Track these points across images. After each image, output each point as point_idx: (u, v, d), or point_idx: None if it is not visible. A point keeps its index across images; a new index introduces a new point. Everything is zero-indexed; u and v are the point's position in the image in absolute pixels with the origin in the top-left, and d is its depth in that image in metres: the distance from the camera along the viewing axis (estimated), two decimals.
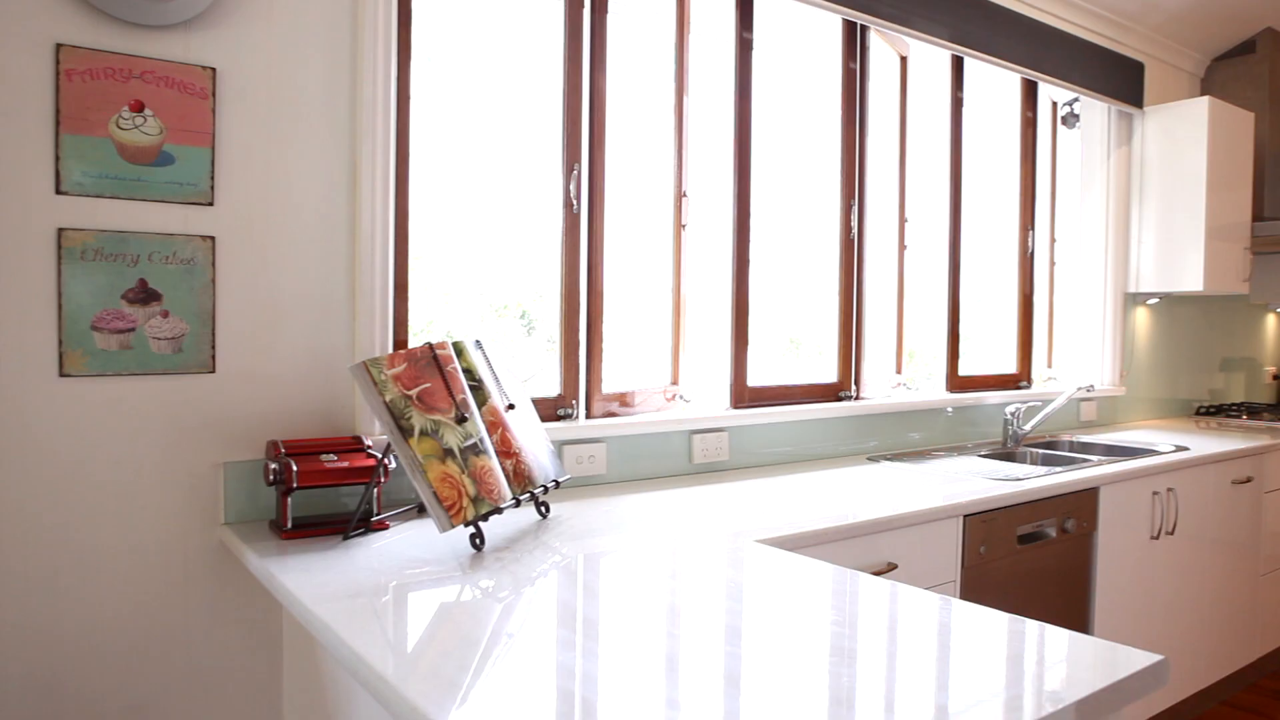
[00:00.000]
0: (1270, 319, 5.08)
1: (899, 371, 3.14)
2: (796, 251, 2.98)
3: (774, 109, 2.83)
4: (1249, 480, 3.33)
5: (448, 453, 1.56)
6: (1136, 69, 3.86)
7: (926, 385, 3.34)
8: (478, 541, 1.59)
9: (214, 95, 1.71)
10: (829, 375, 2.95)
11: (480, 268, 2.39)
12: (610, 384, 2.40)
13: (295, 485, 1.64)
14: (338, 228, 1.88)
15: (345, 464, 1.71)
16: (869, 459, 2.78)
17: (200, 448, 1.74)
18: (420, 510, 1.89)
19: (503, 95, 2.35)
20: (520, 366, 2.39)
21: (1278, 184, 4.32)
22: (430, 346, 1.68)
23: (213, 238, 1.72)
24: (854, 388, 2.96)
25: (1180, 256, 3.79)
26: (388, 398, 1.53)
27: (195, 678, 1.75)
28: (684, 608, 1.32)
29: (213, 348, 1.73)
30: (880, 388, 3.06)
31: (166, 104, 1.66)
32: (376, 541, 1.67)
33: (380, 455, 1.73)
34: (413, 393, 1.57)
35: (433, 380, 1.63)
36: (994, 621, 1.26)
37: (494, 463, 1.67)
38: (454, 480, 1.54)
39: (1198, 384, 4.51)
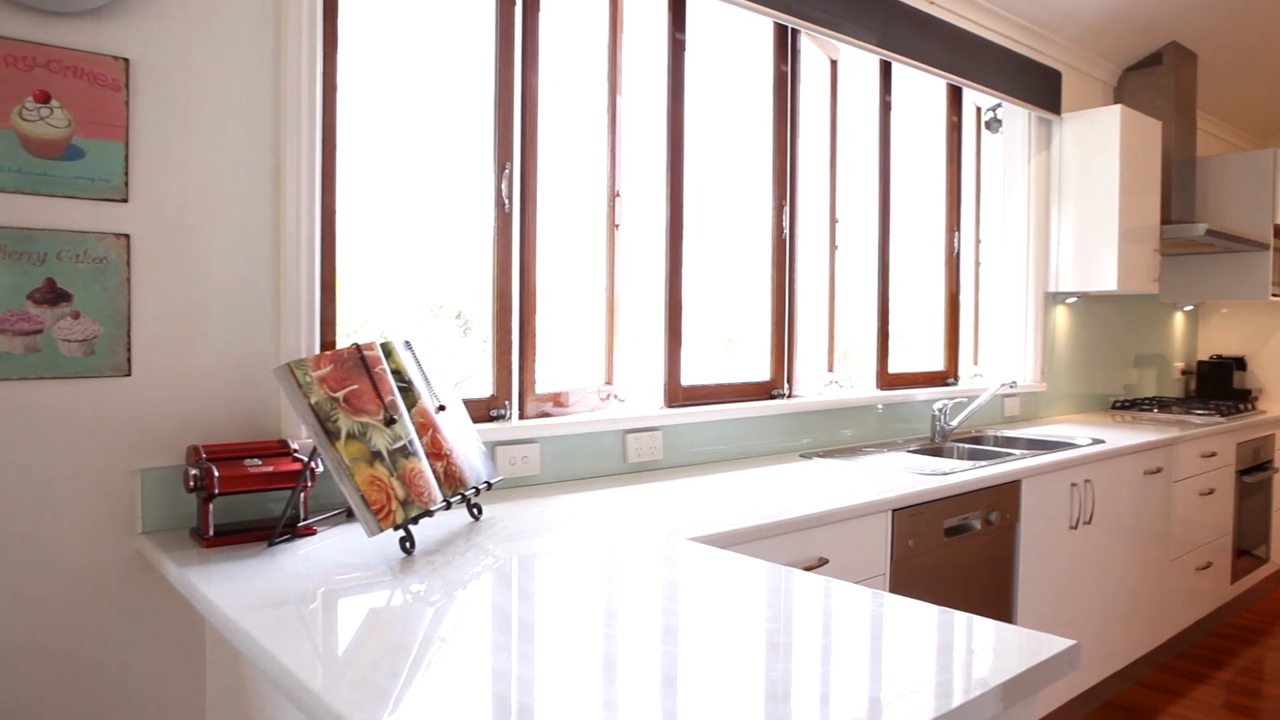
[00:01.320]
0: (1178, 317, 5.30)
1: (831, 369, 3.19)
2: (732, 251, 3.00)
3: (707, 110, 2.84)
4: (1159, 471, 3.46)
5: (376, 455, 1.53)
6: (1054, 77, 3.99)
7: (861, 382, 3.40)
8: (408, 545, 1.57)
9: (127, 87, 1.65)
10: (762, 374, 2.98)
11: (415, 267, 2.35)
12: (544, 384, 2.38)
13: (217, 491, 1.59)
14: (261, 226, 1.83)
15: (270, 468, 1.67)
16: (802, 456, 2.82)
17: (115, 454, 1.67)
18: (349, 514, 1.85)
19: (436, 92, 2.32)
20: (456, 367, 2.36)
21: (1183, 189, 4.50)
22: (358, 348, 1.65)
23: (127, 235, 1.66)
24: (786, 386, 3.00)
25: (1096, 257, 3.92)
26: (313, 400, 1.49)
27: (111, 696, 1.69)
28: (620, 608, 1.32)
29: (128, 350, 1.67)
30: (813, 386, 3.10)
31: (75, 95, 1.59)
32: (303, 547, 1.63)
33: (307, 459, 1.69)
34: (339, 395, 1.53)
35: (360, 382, 1.60)
36: (923, 613, 1.28)
37: (424, 465, 1.64)
38: (382, 483, 1.51)
39: (1113, 379, 4.68)
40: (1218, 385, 5.11)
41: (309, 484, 1.69)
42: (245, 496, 1.77)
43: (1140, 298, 4.82)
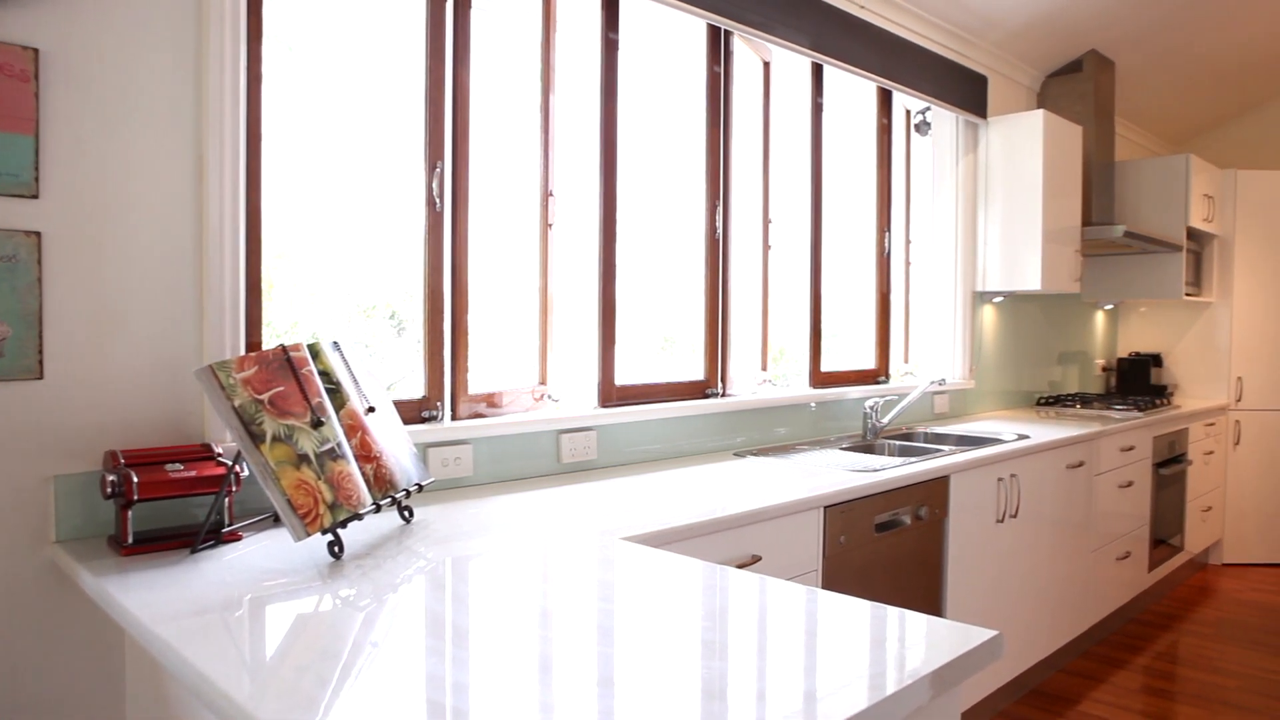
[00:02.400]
0: (1099, 316, 5.48)
1: (764, 369, 3.22)
2: (667, 251, 3.01)
3: (641, 110, 2.85)
4: (1081, 465, 3.57)
5: (303, 458, 1.50)
6: (981, 82, 4.09)
7: (796, 381, 3.44)
8: (336, 549, 1.54)
9: (37, 79, 1.59)
10: (697, 373, 2.99)
11: (347, 267, 2.31)
12: (477, 385, 2.36)
13: (136, 498, 1.54)
14: (183, 223, 1.78)
15: (193, 473, 1.62)
16: (735, 455, 2.84)
17: (26, 460, 1.61)
18: (276, 519, 1.81)
19: (366, 88, 2.28)
20: (390, 369, 2.33)
21: (1103, 192, 4.66)
22: (284, 349, 1.61)
23: (38, 233, 1.60)
24: (720, 385, 3.02)
25: (1021, 258, 4.03)
26: (236, 402, 1.45)
27: (24, 714, 1.62)
28: (555, 610, 1.31)
29: (40, 352, 1.61)
30: (747, 385, 3.12)
31: None
32: (228, 554, 1.59)
33: (231, 463, 1.65)
34: (264, 397, 1.50)
35: (286, 384, 1.56)
36: (854, 609, 1.30)
37: (353, 468, 1.62)
38: (309, 487, 1.48)
39: (1039, 376, 4.81)
40: (1136, 381, 5.29)
41: (233, 489, 1.64)
42: (167, 503, 1.72)
43: (1063, 297, 4.97)
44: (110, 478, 1.55)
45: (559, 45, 2.56)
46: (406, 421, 2.15)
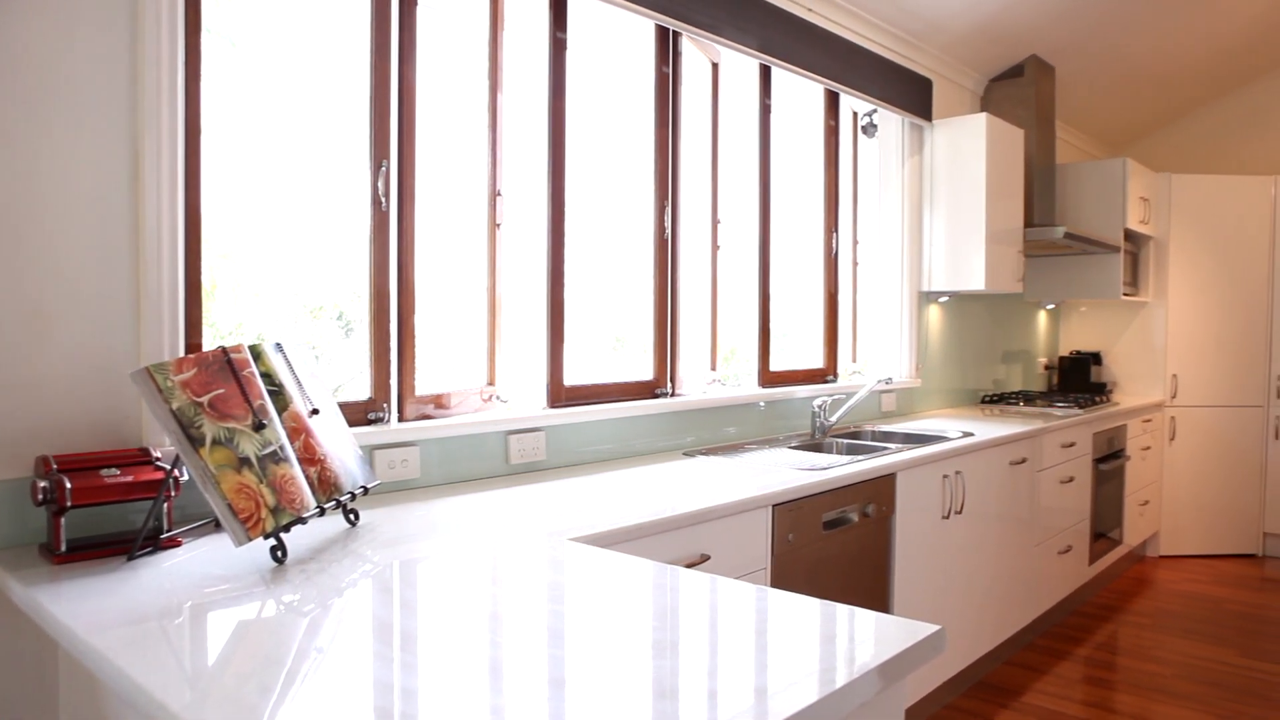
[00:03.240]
0: (1042, 315, 5.60)
1: (714, 368, 3.24)
2: (618, 251, 3.01)
3: (590, 109, 2.85)
4: (1024, 461, 3.65)
5: (244, 462, 1.47)
6: (926, 85, 4.15)
7: (747, 381, 3.46)
8: (279, 554, 1.51)
9: None
10: (646, 373, 3.00)
11: (293, 267, 2.27)
12: (425, 386, 2.34)
13: (69, 504, 1.50)
14: (117, 221, 1.73)
15: (129, 478, 1.58)
16: (685, 454, 2.85)
17: None
18: (217, 525, 1.77)
19: (312, 85, 2.25)
20: (338, 370, 2.30)
21: (1044, 195, 4.76)
22: (224, 350, 1.58)
23: None
24: (670, 385, 3.03)
25: (965, 258, 4.11)
26: (175, 405, 1.42)
27: None
28: (505, 612, 1.30)
29: None
30: (696, 384, 3.14)
31: None
32: (167, 560, 1.55)
33: (170, 467, 1.61)
34: (204, 399, 1.47)
35: (227, 386, 1.53)
36: (804, 607, 1.31)
37: (296, 471, 1.59)
38: (251, 490, 1.45)
39: (983, 375, 4.91)
40: (1077, 379, 5.42)
41: (172, 493, 1.61)
42: (103, 509, 1.67)
43: (1007, 297, 5.07)
44: (41, 484, 1.51)
45: (507, 44, 2.55)
46: (352, 423, 2.13)
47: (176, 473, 1.60)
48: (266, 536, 1.47)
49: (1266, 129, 5.79)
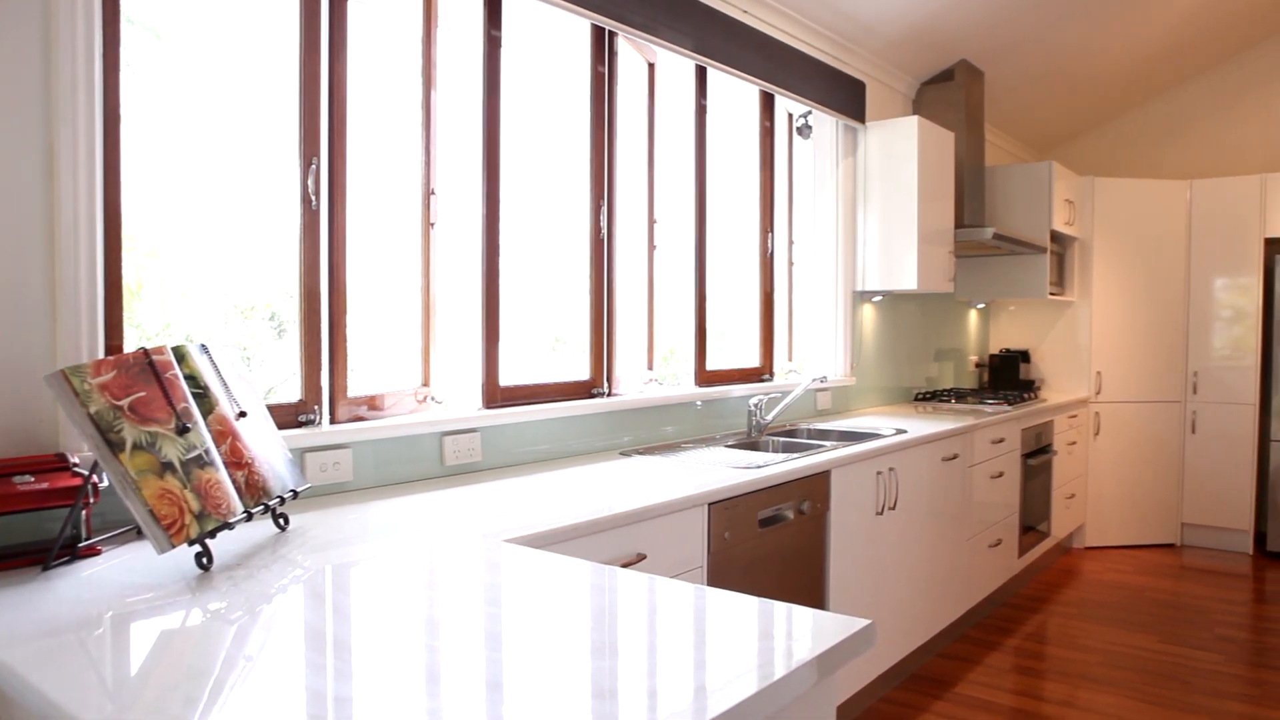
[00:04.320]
0: (972, 314, 5.73)
1: (650, 368, 3.25)
2: (556, 251, 3.00)
3: (525, 108, 2.83)
4: (955, 457, 3.73)
5: (166, 467, 1.43)
6: (859, 87, 4.22)
7: (687, 380, 3.47)
8: (204, 561, 1.47)
9: None
10: (583, 373, 2.99)
11: (224, 266, 2.21)
12: (358, 387, 2.30)
13: None
14: (30, 217, 1.67)
15: (44, 485, 1.53)
16: (622, 454, 2.85)
17: None
18: (139, 532, 1.72)
19: (241, 79, 2.19)
20: (270, 372, 2.25)
21: (974, 196, 4.87)
22: (145, 352, 1.53)
23: None
24: (606, 385, 3.02)
25: (898, 258, 4.18)
26: (92, 409, 1.38)
27: None
28: (441, 617, 1.29)
29: None
30: (633, 384, 3.14)
31: None
32: (85, 570, 1.50)
33: (88, 473, 1.56)
34: (123, 403, 1.42)
35: (148, 389, 1.49)
36: (740, 604, 1.33)
37: (222, 475, 1.55)
38: (174, 496, 1.41)
39: (917, 373, 5.00)
40: (1006, 376, 5.56)
41: (91, 500, 1.56)
42: (16, 517, 1.61)
43: (939, 296, 5.18)
44: None
45: (441, 41, 2.52)
46: (283, 426, 2.08)
47: (95, 479, 1.55)
48: (191, 543, 1.43)
49: (1182, 136, 6.01)
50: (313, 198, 2.19)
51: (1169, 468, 5.54)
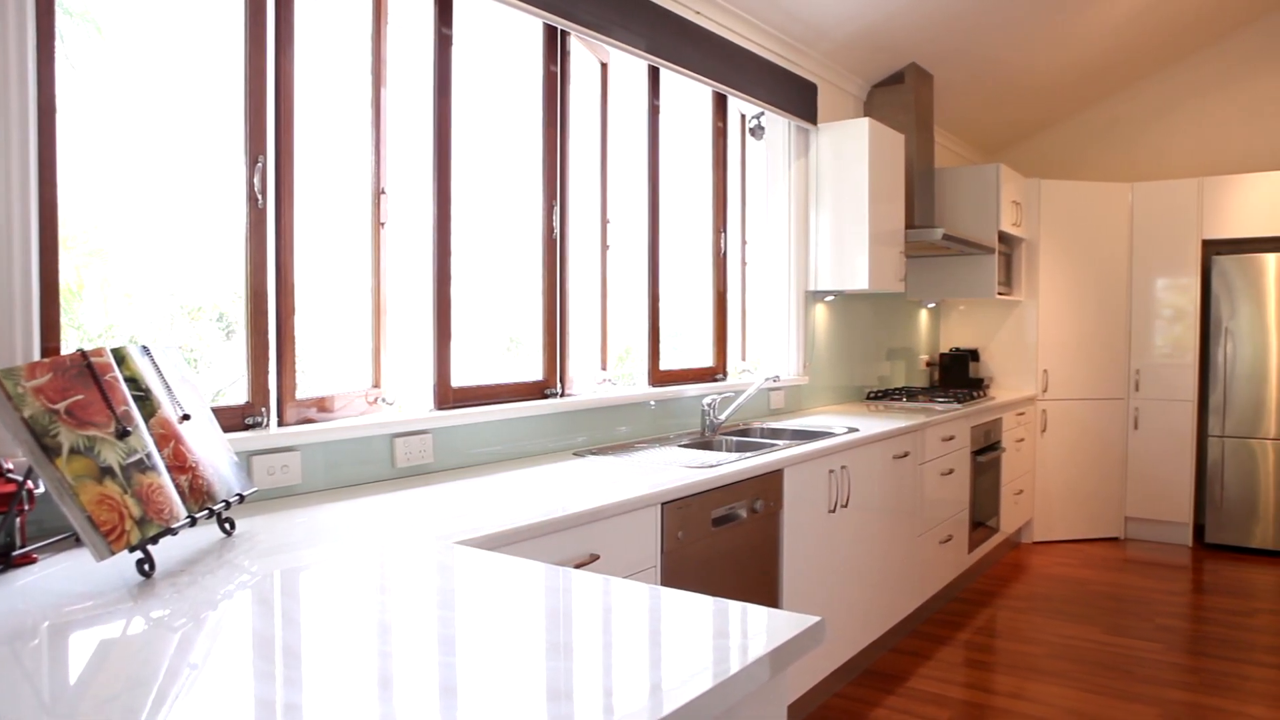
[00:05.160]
0: (923, 314, 5.81)
1: (604, 368, 3.24)
2: (510, 251, 2.98)
3: (476, 107, 2.81)
4: (906, 455, 3.78)
5: (106, 471, 1.40)
6: (811, 89, 4.26)
7: (642, 380, 3.47)
8: (146, 567, 1.44)
9: None
10: (537, 374, 2.98)
11: (169, 266, 2.17)
12: (307, 389, 2.27)
13: None
14: None
15: None
16: (575, 454, 2.84)
17: None
18: (78, 539, 1.67)
19: (187, 74, 2.15)
20: (219, 373, 2.20)
21: (924, 197, 4.95)
22: (83, 354, 1.49)
23: None
24: (559, 385, 3.01)
25: (850, 258, 4.23)
26: (26, 413, 1.34)
27: None
28: (393, 621, 1.27)
29: None
30: (587, 384, 3.13)
31: None
32: (20, 579, 1.46)
33: (22, 479, 1.51)
34: (60, 406, 1.38)
35: (86, 392, 1.45)
36: (695, 603, 1.33)
37: (164, 479, 1.52)
38: (114, 502, 1.38)
39: (868, 371, 5.06)
40: (956, 375, 5.65)
41: (25, 507, 1.51)
42: None
43: (890, 296, 5.25)
44: None
45: (390, 38, 2.50)
46: (229, 429, 2.05)
47: (30, 485, 1.51)
48: (132, 549, 1.40)
49: (1124, 139, 6.16)
50: (259, 196, 2.15)
51: (1113, 463, 5.67)
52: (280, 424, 2.19)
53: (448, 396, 2.61)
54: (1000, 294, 5.34)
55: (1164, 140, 6.03)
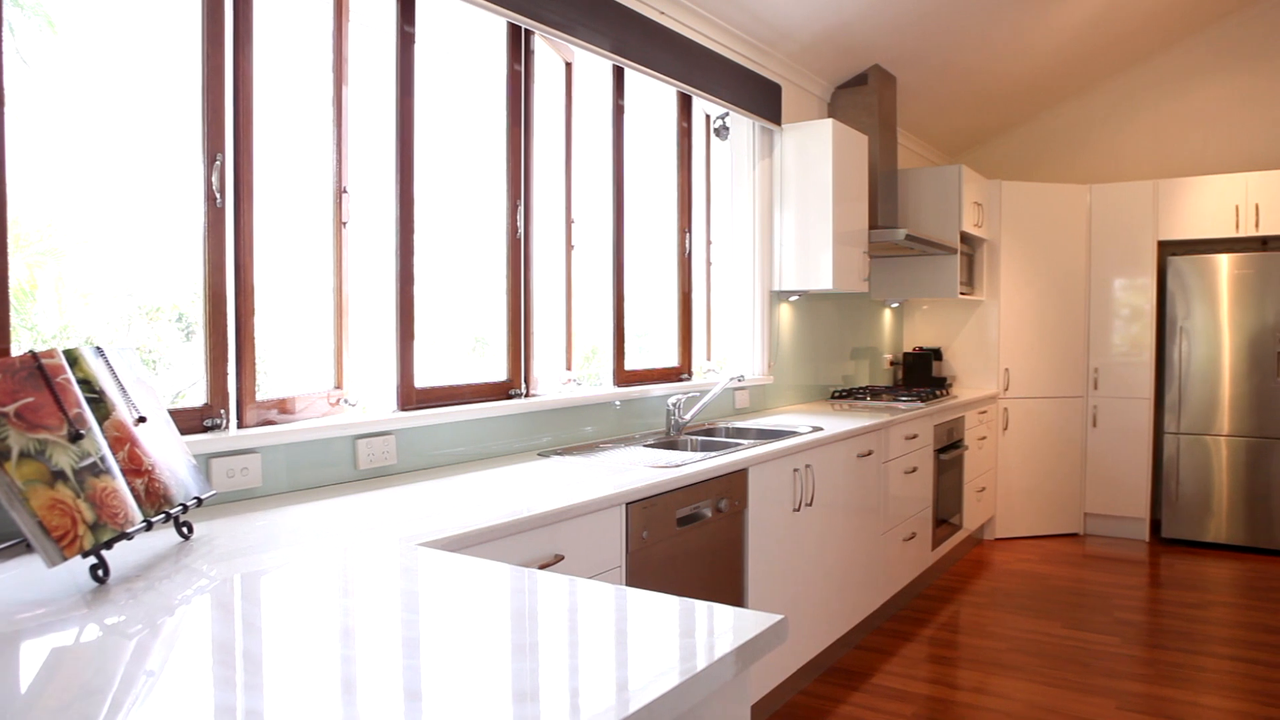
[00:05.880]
0: (887, 313, 5.87)
1: (569, 368, 3.24)
2: (475, 251, 2.97)
3: (440, 106, 2.79)
4: (870, 453, 3.81)
5: (57, 475, 1.37)
6: (775, 90, 4.28)
7: (608, 380, 3.47)
8: (100, 573, 1.42)
9: None
10: (500, 374, 2.96)
11: (127, 265, 2.13)
12: (268, 390, 2.24)
13: None
14: None
15: None
16: (540, 455, 2.83)
17: None
18: (30, 545, 1.64)
19: (144, 70, 2.11)
20: (179, 375, 2.17)
21: (887, 198, 4.99)
22: (33, 355, 1.46)
23: None
24: (524, 385, 3.00)
25: (814, 258, 4.26)
26: None
27: None
28: (356, 625, 1.26)
29: None
30: (552, 385, 3.13)
31: None
32: None
33: None
34: (9, 409, 1.35)
35: (37, 394, 1.42)
36: (658, 603, 1.33)
37: (119, 483, 1.49)
38: (66, 506, 1.35)
39: (833, 371, 5.10)
40: (920, 374, 5.71)
41: None
42: None
43: (854, 296, 5.29)
44: None
45: (352, 36, 2.47)
46: (188, 431, 2.02)
47: None
48: (85, 555, 1.37)
49: (1082, 142, 6.26)
50: (217, 195, 2.12)
51: (1072, 460, 5.77)
52: (240, 426, 2.16)
53: (411, 397, 2.59)
54: (962, 294, 5.40)
55: (1121, 143, 6.14)
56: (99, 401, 1.55)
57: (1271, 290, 5.21)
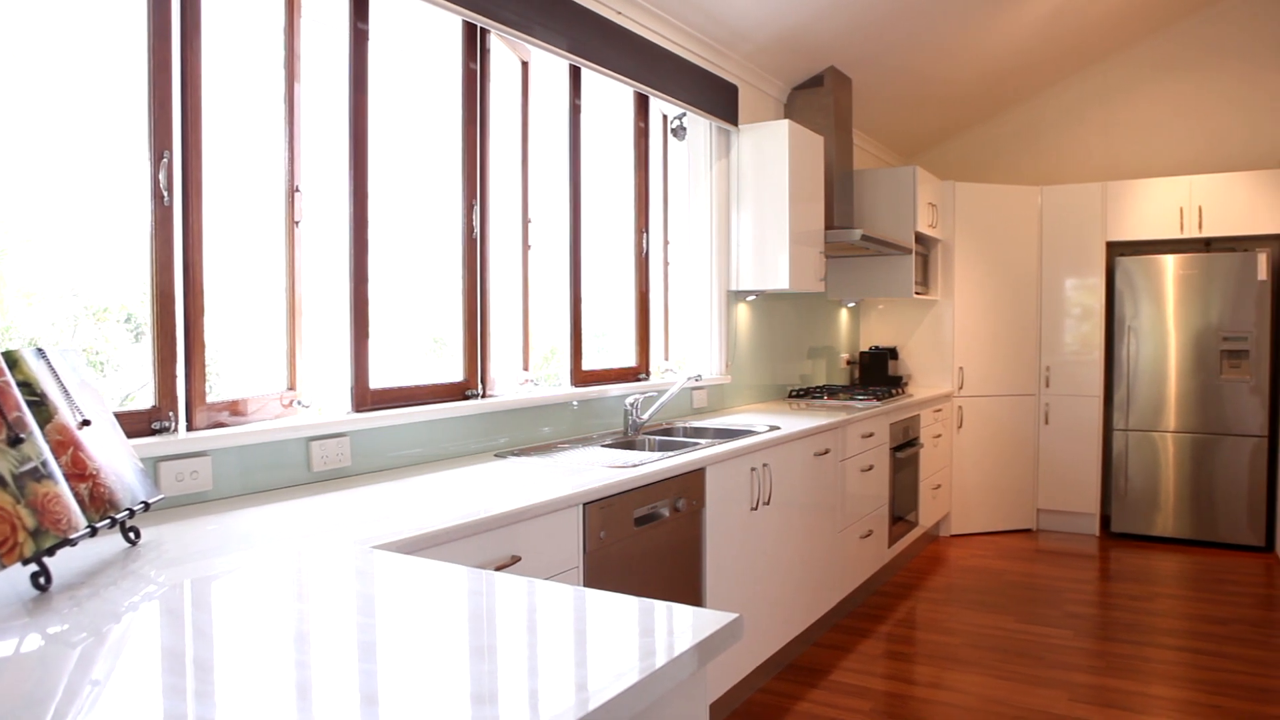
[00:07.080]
0: (844, 313, 5.92)
1: (526, 368, 3.22)
2: (432, 251, 2.94)
3: (394, 104, 2.76)
4: (827, 452, 3.85)
5: None
6: (732, 91, 4.30)
7: (565, 380, 3.46)
8: (42, 581, 1.38)
9: None
10: (457, 374, 2.94)
11: (73, 265, 2.07)
12: (220, 392, 2.20)
13: None
14: None
15: None
16: (497, 455, 2.82)
17: None
18: None
19: (89, 66, 2.06)
20: (127, 377, 2.12)
21: (843, 199, 5.04)
22: None
23: None
24: (480, 386, 2.98)
25: (771, 259, 4.28)
26: None
27: None
28: (311, 630, 1.24)
29: None
30: (509, 385, 3.11)
31: None
32: None
33: None
34: None
35: None
36: (614, 603, 1.33)
37: (62, 488, 1.45)
38: (5, 513, 1.32)
39: (791, 370, 5.13)
40: (876, 373, 5.77)
41: None
42: None
43: (811, 295, 5.33)
44: None
45: (304, 33, 2.44)
46: (135, 434, 1.97)
47: None
48: (26, 562, 1.33)
49: (1033, 144, 6.38)
50: (165, 193, 2.07)
51: (1025, 458, 5.87)
52: (189, 428, 2.12)
53: (366, 398, 2.56)
54: (917, 293, 5.47)
55: (1071, 146, 6.26)
56: (40, 405, 1.51)
57: (1215, 290, 5.35)
